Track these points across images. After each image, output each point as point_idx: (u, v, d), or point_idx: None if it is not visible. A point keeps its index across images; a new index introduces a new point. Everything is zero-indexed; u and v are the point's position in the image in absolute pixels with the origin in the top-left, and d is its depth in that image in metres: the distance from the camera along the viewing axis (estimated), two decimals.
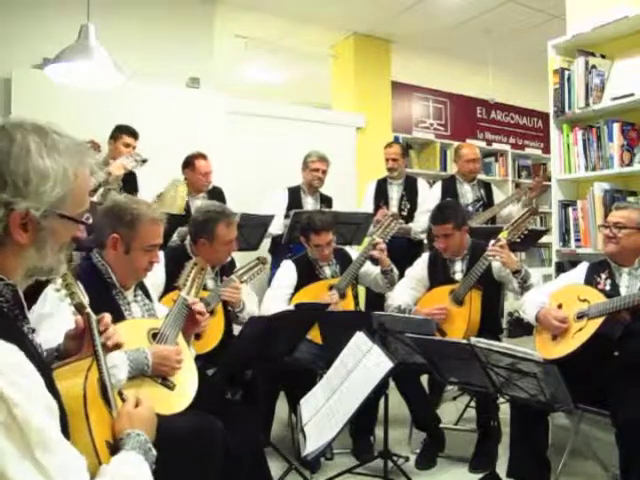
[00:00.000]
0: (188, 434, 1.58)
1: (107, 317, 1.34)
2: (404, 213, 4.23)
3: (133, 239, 1.88)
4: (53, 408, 0.91)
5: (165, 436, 1.24)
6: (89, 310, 1.29)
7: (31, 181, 0.94)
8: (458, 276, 2.98)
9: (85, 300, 1.34)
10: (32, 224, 0.96)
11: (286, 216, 3.87)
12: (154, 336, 1.83)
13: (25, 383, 0.86)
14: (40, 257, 1.00)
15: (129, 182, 3.56)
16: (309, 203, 4.07)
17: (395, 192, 4.41)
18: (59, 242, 1.03)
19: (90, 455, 1.02)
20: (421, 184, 4.51)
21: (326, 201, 4.15)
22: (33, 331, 1.05)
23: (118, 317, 1.79)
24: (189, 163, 3.85)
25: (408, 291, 3.06)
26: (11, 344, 0.87)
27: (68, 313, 1.37)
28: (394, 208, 4.28)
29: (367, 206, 4.35)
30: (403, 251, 3.83)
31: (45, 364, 1.01)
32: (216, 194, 3.92)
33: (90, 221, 1.14)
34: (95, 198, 3.17)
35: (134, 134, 3.67)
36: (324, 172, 4.08)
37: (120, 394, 1.44)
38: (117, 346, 1.34)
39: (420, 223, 4.21)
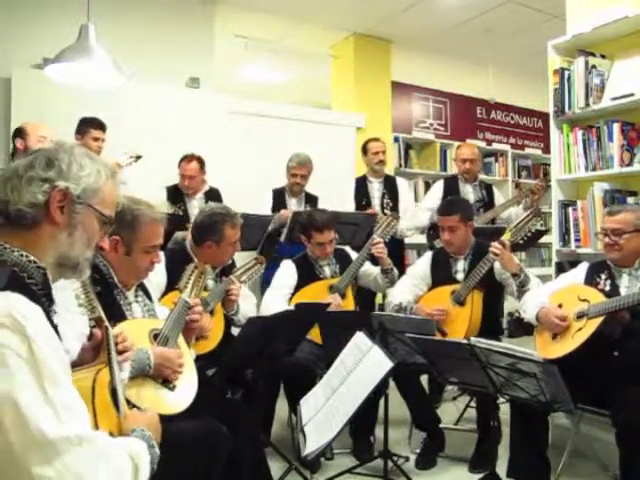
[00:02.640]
0: (195, 438, 1.59)
1: (124, 334, 1.43)
2: (387, 211, 4.18)
3: (134, 240, 1.87)
4: (65, 364, 0.99)
5: (172, 439, 1.26)
6: (107, 324, 1.34)
7: (72, 168, 1.12)
8: (460, 275, 2.98)
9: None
10: (68, 206, 1.10)
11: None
12: (155, 337, 1.83)
13: (45, 331, 0.96)
14: (70, 244, 1.11)
15: None
16: (293, 204, 4.09)
17: (376, 190, 4.33)
18: (87, 235, 1.14)
19: None
20: (400, 182, 4.47)
21: (311, 200, 4.16)
22: (56, 328, 1.08)
23: (119, 317, 1.80)
24: (179, 163, 3.88)
25: (410, 288, 3.06)
26: (37, 305, 0.98)
27: (69, 315, 1.38)
28: (377, 207, 4.23)
29: (348, 205, 4.25)
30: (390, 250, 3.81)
31: (61, 340, 1.06)
32: (213, 195, 3.92)
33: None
34: None
35: (101, 126, 3.53)
36: (303, 177, 4.08)
37: None
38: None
39: (418, 220, 4.20)
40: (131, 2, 4.36)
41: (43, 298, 1.06)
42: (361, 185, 4.36)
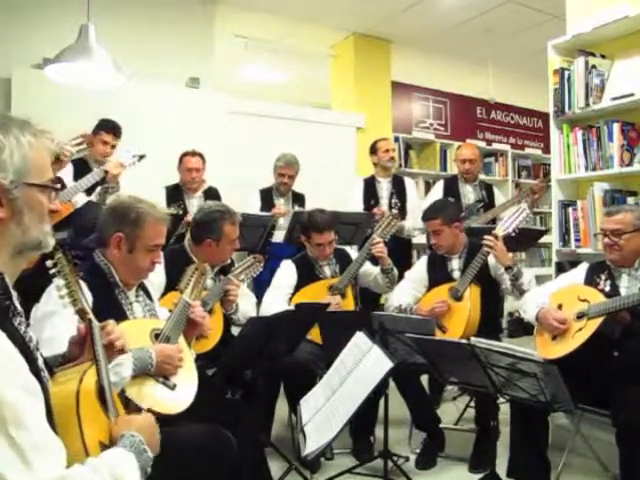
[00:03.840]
0: (201, 446, 1.60)
1: (111, 324, 1.35)
2: (395, 210, 4.21)
3: (137, 238, 1.88)
4: (33, 390, 0.92)
5: (178, 445, 1.24)
6: (91, 316, 1.30)
7: None
8: (456, 274, 3.01)
9: (88, 303, 1.34)
10: (5, 196, 0.99)
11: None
12: (156, 337, 1.83)
13: (3, 361, 0.87)
14: (22, 231, 1.03)
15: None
16: (281, 204, 4.11)
17: (384, 190, 4.36)
18: (36, 213, 1.05)
19: (79, 452, 1.02)
20: (408, 182, 4.51)
21: (298, 199, 4.17)
22: (28, 325, 1.05)
23: (121, 317, 1.80)
24: (180, 160, 3.89)
25: (408, 291, 3.07)
26: None
27: (72, 312, 1.37)
28: (384, 207, 4.25)
29: (356, 205, 4.29)
30: (392, 249, 3.81)
31: (31, 352, 1.01)
32: (212, 194, 3.92)
33: (59, 186, 1.15)
34: (93, 197, 3.16)
35: (114, 131, 3.52)
36: (290, 177, 4.12)
37: (123, 392, 1.44)
38: (122, 351, 1.36)
39: (413, 221, 4.21)
40: (131, 2, 4.36)
41: (6, 302, 1.00)
42: (370, 185, 4.39)
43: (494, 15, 5.02)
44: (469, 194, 4.22)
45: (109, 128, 3.52)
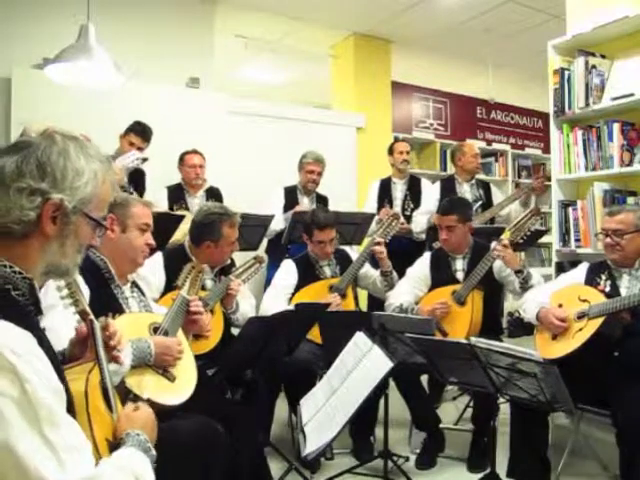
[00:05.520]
0: (192, 440, 1.59)
1: (113, 325, 1.37)
2: (407, 213, 4.25)
3: (128, 217, 1.95)
4: (60, 393, 0.95)
5: (169, 441, 1.25)
6: (92, 317, 1.32)
7: (68, 176, 1.03)
8: (459, 274, 2.99)
9: (86, 298, 1.35)
10: (61, 218, 1.03)
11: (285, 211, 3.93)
12: (155, 330, 1.85)
13: (36, 364, 0.90)
14: (61, 253, 1.05)
15: (137, 180, 3.57)
16: (305, 203, 4.09)
17: (399, 192, 4.41)
18: (79, 241, 1.08)
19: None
20: (425, 184, 4.53)
21: (322, 201, 4.17)
22: (44, 330, 1.07)
23: (118, 311, 1.81)
24: (181, 159, 3.90)
25: (410, 290, 3.05)
26: (25, 331, 0.92)
27: (72, 312, 1.37)
28: (398, 208, 4.29)
29: (371, 205, 4.35)
30: (405, 251, 3.83)
31: (56, 356, 1.04)
32: (214, 194, 3.93)
33: (108, 225, 1.19)
34: None
35: (143, 135, 3.58)
36: (319, 174, 4.10)
37: (122, 382, 1.44)
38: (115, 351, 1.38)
39: (417, 224, 4.21)
40: (131, 2, 4.35)
41: (31, 307, 1.01)
42: (385, 186, 4.44)
43: (494, 15, 5.01)
44: (466, 194, 4.21)
45: (138, 131, 3.57)
